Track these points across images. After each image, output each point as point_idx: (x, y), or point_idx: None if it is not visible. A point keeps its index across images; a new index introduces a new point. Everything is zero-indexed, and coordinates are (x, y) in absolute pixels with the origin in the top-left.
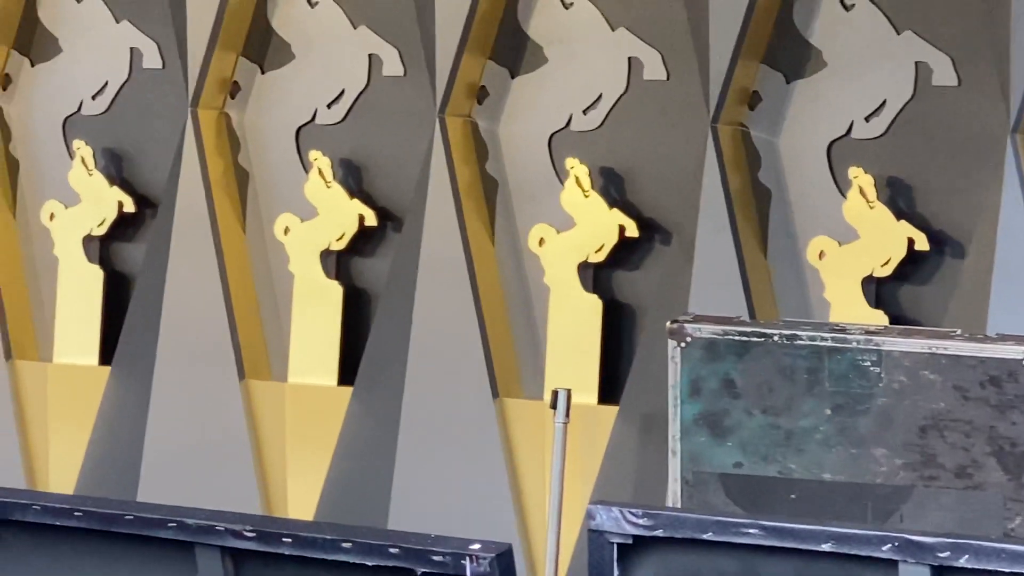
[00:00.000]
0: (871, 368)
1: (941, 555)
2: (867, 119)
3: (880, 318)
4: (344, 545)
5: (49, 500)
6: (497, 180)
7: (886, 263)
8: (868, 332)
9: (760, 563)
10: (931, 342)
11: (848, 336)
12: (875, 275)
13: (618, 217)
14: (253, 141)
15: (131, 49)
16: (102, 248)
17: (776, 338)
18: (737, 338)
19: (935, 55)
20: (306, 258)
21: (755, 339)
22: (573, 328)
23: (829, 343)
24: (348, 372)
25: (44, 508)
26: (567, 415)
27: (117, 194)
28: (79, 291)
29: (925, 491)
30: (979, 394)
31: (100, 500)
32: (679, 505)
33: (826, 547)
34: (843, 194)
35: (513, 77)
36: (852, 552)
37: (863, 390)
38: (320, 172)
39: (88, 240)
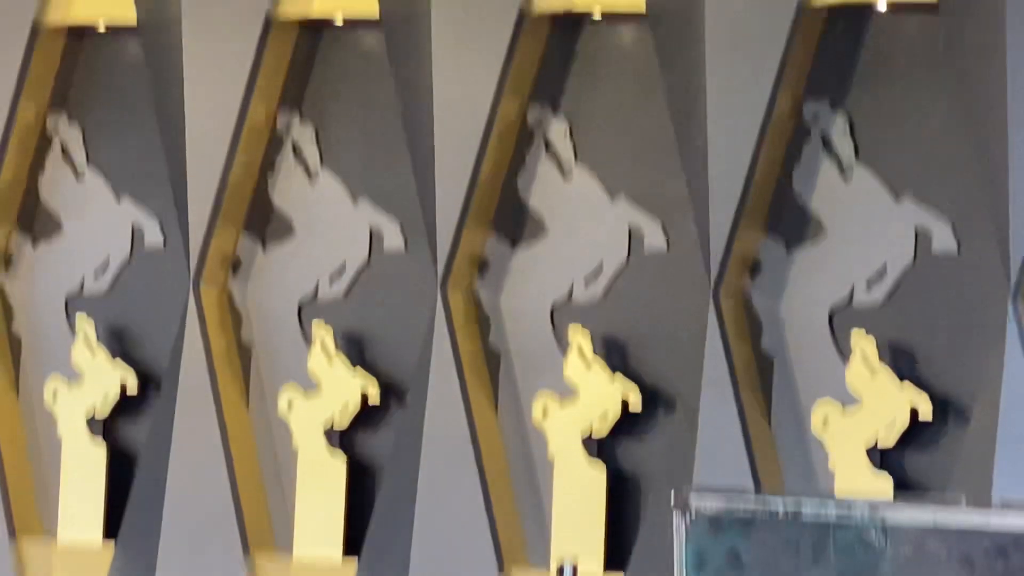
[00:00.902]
0: (876, 542)
1: None
2: (868, 285)
3: (885, 483)
4: None
5: None
6: (499, 352)
7: (890, 429)
8: (872, 506)
9: None
10: (936, 515)
11: (852, 511)
12: (879, 441)
13: (621, 387)
14: (255, 317)
15: (132, 226)
16: (105, 425)
17: (781, 514)
18: (742, 513)
19: (935, 221)
20: (309, 432)
21: (760, 514)
22: (578, 498)
23: (834, 518)
24: (353, 545)
25: None
26: None
27: (120, 371)
28: (83, 469)
29: None
30: (986, 565)
31: None
32: None
33: None
34: (845, 360)
35: (514, 249)
36: None
37: (869, 565)
38: (323, 347)
39: (91, 417)
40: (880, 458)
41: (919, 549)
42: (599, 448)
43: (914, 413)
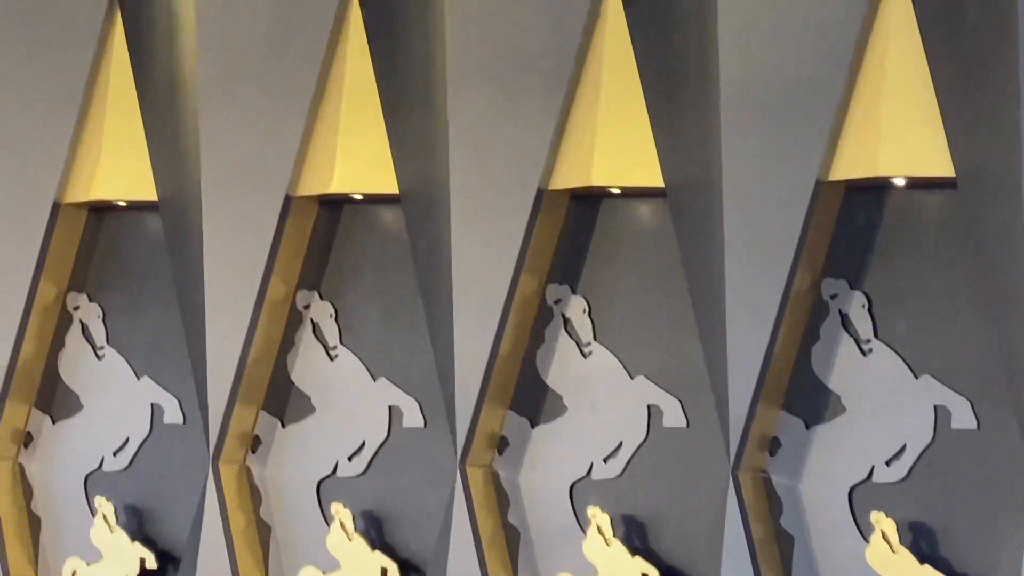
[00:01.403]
0: None
1: None
2: (888, 463)
3: None
4: None
5: None
6: (519, 529)
7: None
8: None
9: None
10: None
11: None
12: None
13: (641, 566)
14: (275, 495)
15: (152, 405)
16: None
17: None
18: None
19: (954, 399)
20: None
21: None
22: None
23: None
24: None
25: None
26: None
27: (139, 551)
28: None
29: None
30: None
31: None
32: None
33: None
34: (866, 539)
35: (533, 426)
36: None
37: None
38: (342, 525)
39: None
40: None
41: None
42: None
43: None
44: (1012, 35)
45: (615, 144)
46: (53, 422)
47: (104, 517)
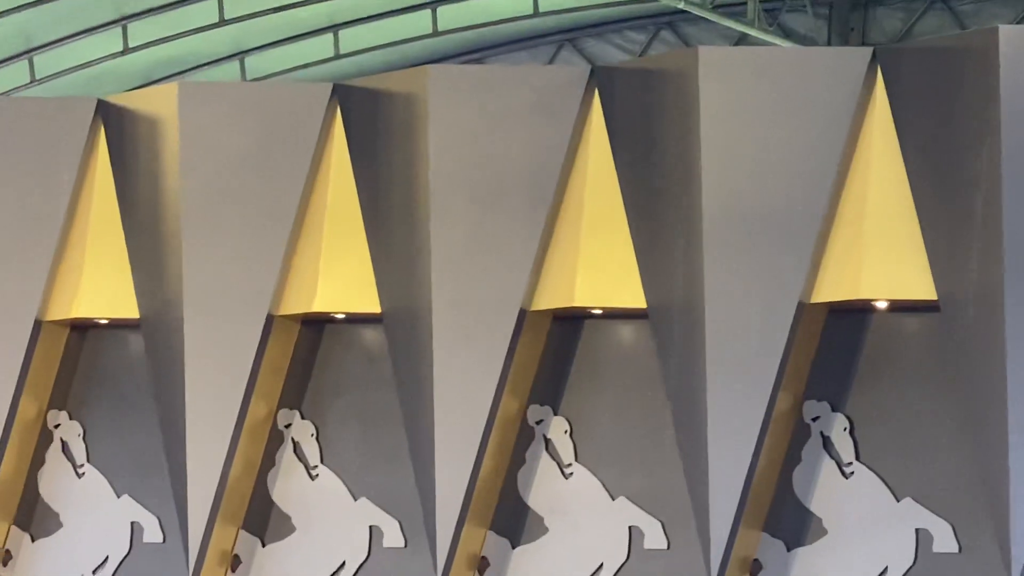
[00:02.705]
0: None
1: None
2: None
3: None
4: None
5: None
6: None
7: None
8: None
9: None
10: None
11: None
12: None
13: None
14: None
15: (132, 523)
16: None
17: None
18: None
19: (935, 522)
20: None
21: None
22: None
23: None
24: None
25: None
26: None
27: None
28: None
29: None
30: None
31: None
32: None
33: None
34: None
35: (514, 547)
36: None
37: None
38: None
39: None
40: None
41: None
42: None
43: None
44: (994, 160)
45: (598, 265)
46: (32, 540)
47: None
